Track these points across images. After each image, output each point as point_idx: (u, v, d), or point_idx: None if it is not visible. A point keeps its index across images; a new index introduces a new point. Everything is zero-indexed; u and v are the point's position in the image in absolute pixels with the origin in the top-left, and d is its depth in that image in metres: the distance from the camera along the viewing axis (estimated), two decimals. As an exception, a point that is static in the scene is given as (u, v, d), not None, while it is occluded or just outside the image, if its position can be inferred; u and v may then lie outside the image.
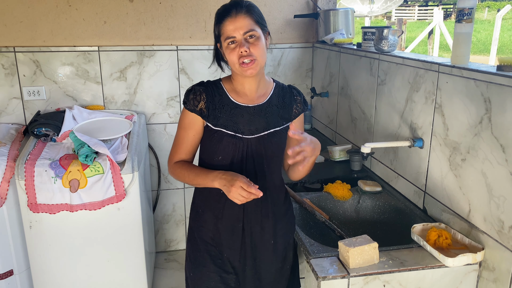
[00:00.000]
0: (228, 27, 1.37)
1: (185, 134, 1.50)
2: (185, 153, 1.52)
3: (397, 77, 1.89)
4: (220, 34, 1.40)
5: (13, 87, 2.64)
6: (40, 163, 2.16)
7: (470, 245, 1.46)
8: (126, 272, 2.39)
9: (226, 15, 1.38)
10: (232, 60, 1.39)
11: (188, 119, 1.47)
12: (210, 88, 1.47)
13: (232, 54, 1.38)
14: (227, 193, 1.34)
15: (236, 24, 1.37)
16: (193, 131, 1.49)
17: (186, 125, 1.49)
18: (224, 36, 1.39)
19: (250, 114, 1.48)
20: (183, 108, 1.48)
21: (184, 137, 1.50)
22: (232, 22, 1.37)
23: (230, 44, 1.38)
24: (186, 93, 1.48)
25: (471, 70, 1.43)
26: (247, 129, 1.47)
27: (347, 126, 2.47)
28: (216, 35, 1.44)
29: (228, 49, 1.39)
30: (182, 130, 1.51)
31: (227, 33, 1.38)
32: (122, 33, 2.70)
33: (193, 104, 1.45)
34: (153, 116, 2.89)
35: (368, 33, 2.17)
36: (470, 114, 1.45)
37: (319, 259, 1.44)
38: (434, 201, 1.68)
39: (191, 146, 1.52)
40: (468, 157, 1.47)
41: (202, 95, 1.45)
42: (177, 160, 1.53)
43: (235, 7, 1.38)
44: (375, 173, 2.15)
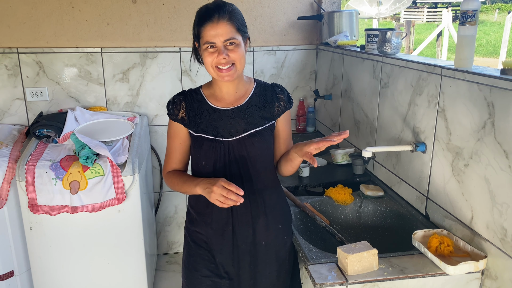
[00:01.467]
0: (209, 32, 1.36)
1: (172, 144, 1.55)
2: (175, 162, 1.56)
3: (400, 80, 1.86)
4: (200, 36, 1.40)
5: (16, 88, 2.64)
6: (41, 165, 2.15)
7: (472, 252, 1.43)
8: (127, 274, 2.38)
9: (207, 20, 1.36)
10: (208, 64, 1.40)
11: (173, 128, 1.53)
12: (189, 96, 1.52)
13: (209, 58, 1.39)
14: (208, 196, 1.33)
15: (218, 30, 1.35)
16: (179, 140, 1.53)
17: (172, 134, 1.54)
18: (204, 40, 1.38)
19: (229, 117, 1.49)
20: (169, 120, 1.54)
21: (172, 146, 1.55)
22: (213, 28, 1.35)
23: (209, 48, 1.38)
24: (167, 104, 1.53)
25: (475, 74, 1.40)
26: (227, 132, 1.48)
27: (350, 129, 2.44)
28: (195, 35, 1.43)
29: (206, 52, 1.39)
30: (169, 140, 1.56)
31: (207, 37, 1.37)
32: (125, 35, 2.70)
33: (174, 113, 1.50)
34: (155, 118, 2.88)
35: (371, 35, 2.14)
36: (473, 118, 1.42)
37: (318, 265, 1.42)
38: (437, 207, 1.65)
39: (180, 154, 1.56)
40: (471, 162, 1.44)
41: (181, 103, 1.50)
42: (169, 169, 1.57)
43: (218, 12, 1.36)
44: (377, 177, 2.12)
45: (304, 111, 3.01)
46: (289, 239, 1.61)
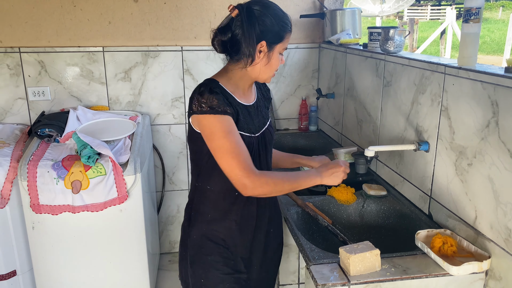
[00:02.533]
0: (288, 39, 1.45)
1: (235, 139, 1.34)
2: (250, 159, 1.36)
3: (403, 79, 1.85)
4: (281, 41, 1.42)
5: (18, 88, 2.64)
6: (42, 164, 2.15)
7: (476, 253, 1.41)
8: (129, 273, 2.38)
9: (290, 28, 1.45)
10: (275, 68, 1.45)
11: (226, 122, 1.33)
12: (221, 90, 1.38)
13: (278, 63, 1.45)
14: (336, 179, 1.48)
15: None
16: (237, 134, 1.36)
17: (228, 129, 1.33)
18: (283, 45, 1.44)
19: (253, 112, 1.50)
20: (210, 116, 1.32)
21: (237, 141, 1.34)
22: (290, 36, 1.46)
23: (282, 51, 1.45)
24: (205, 98, 1.32)
25: (478, 72, 1.39)
26: (254, 128, 1.48)
27: (352, 128, 2.43)
28: (275, 38, 1.40)
29: (278, 56, 1.44)
30: (229, 136, 1.32)
31: (285, 44, 1.44)
32: (126, 34, 2.69)
33: (223, 106, 1.33)
34: (157, 117, 2.87)
35: (374, 33, 2.12)
36: (477, 117, 1.40)
37: (320, 265, 1.41)
38: (440, 206, 1.63)
39: (247, 151, 1.36)
40: (475, 162, 1.42)
41: (222, 96, 1.36)
42: (253, 167, 1.35)
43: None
44: (380, 176, 2.11)
45: (307, 110, 3.00)
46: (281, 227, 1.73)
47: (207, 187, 1.49)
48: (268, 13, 1.38)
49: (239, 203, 1.49)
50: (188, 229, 1.55)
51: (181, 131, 2.92)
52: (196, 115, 1.34)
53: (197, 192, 1.52)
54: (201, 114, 1.33)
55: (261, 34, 1.37)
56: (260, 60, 1.40)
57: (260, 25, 1.36)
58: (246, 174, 1.31)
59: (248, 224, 1.53)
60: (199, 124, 1.37)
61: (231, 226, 1.51)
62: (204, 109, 1.32)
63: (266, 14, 1.37)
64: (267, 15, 1.37)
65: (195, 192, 1.53)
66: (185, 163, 3.00)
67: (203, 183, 1.50)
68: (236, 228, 1.51)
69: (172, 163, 2.98)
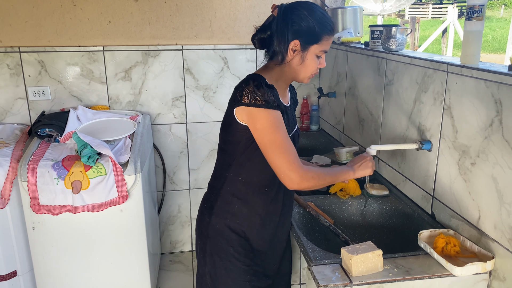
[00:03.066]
0: (329, 41, 1.42)
1: (286, 134, 1.37)
2: (296, 153, 1.39)
3: (405, 77, 1.83)
4: (317, 42, 1.39)
5: (18, 87, 2.63)
6: (42, 164, 2.14)
7: (479, 253, 1.40)
8: (130, 273, 2.37)
9: (333, 31, 1.43)
10: (311, 69, 1.43)
11: (278, 117, 1.36)
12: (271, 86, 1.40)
13: (315, 64, 1.43)
14: (366, 171, 1.54)
15: (332, 40, 1.45)
16: (286, 129, 1.39)
17: (280, 124, 1.36)
18: (322, 47, 1.41)
19: (289, 113, 1.52)
20: (265, 110, 1.33)
21: (287, 136, 1.37)
22: (332, 39, 1.44)
23: (320, 54, 1.42)
24: (262, 92, 1.33)
25: (481, 70, 1.37)
26: (289, 129, 1.48)
27: (354, 127, 2.41)
28: (313, 38, 1.38)
29: (316, 58, 1.42)
30: (282, 131, 1.36)
31: (326, 46, 1.42)
32: (126, 33, 2.68)
33: (278, 101, 1.38)
34: (158, 117, 2.86)
35: (375, 31, 2.11)
36: (480, 116, 1.39)
37: (321, 266, 1.39)
38: (443, 206, 1.62)
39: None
40: (478, 161, 1.41)
41: (274, 90, 1.38)
42: (300, 162, 1.38)
43: (335, 27, 1.52)
44: (382, 175, 2.09)
45: (308, 109, 2.99)
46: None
47: (239, 179, 1.49)
48: (307, 13, 1.38)
49: (266, 198, 1.50)
50: (208, 218, 1.53)
51: (181, 130, 2.91)
52: (248, 107, 1.34)
53: (227, 182, 1.51)
54: (255, 107, 1.33)
55: (295, 32, 1.38)
56: (291, 58, 1.41)
57: (295, 24, 1.37)
58: (295, 169, 1.34)
59: (271, 220, 1.54)
60: (250, 117, 1.35)
61: (255, 220, 1.51)
62: (259, 103, 1.33)
63: (304, 14, 1.37)
64: (305, 15, 1.37)
65: (224, 182, 1.51)
66: (186, 163, 2.99)
67: (234, 174, 1.49)
68: (260, 223, 1.52)
69: (173, 163, 2.96)
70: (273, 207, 1.53)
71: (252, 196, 1.50)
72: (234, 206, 1.51)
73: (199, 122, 2.92)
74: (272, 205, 1.53)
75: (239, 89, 1.37)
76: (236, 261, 1.50)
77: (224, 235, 1.51)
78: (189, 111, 2.88)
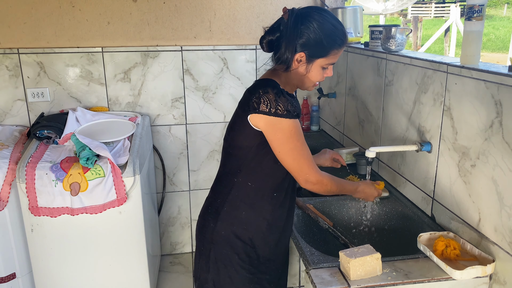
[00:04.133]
0: (337, 55, 1.40)
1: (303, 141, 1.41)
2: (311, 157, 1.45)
3: (404, 78, 1.81)
4: (327, 55, 1.37)
5: (17, 89, 2.63)
6: (41, 166, 2.13)
7: (480, 256, 1.38)
8: (129, 275, 2.36)
9: (342, 45, 1.39)
10: (315, 80, 1.42)
11: (298, 125, 1.39)
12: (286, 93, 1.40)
13: (320, 75, 1.41)
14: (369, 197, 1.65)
15: (341, 53, 1.43)
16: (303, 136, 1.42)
17: (302, 131, 1.41)
18: (329, 61, 1.39)
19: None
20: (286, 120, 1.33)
21: (304, 144, 1.41)
22: (340, 53, 1.41)
23: (327, 67, 1.41)
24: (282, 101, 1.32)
25: (481, 71, 1.35)
26: None
27: (354, 128, 2.39)
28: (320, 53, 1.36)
29: (321, 70, 1.40)
30: (303, 138, 1.40)
31: (333, 59, 1.39)
32: (125, 34, 2.67)
33: (298, 110, 1.37)
34: (157, 118, 2.85)
35: (375, 31, 2.09)
36: (480, 117, 1.37)
37: (319, 269, 1.38)
38: (443, 208, 1.60)
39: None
40: (478, 163, 1.39)
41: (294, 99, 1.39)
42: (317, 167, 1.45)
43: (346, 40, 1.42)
44: (382, 177, 2.07)
45: (308, 110, 2.97)
46: None
47: (248, 184, 1.46)
48: (317, 25, 1.34)
49: (275, 203, 1.49)
50: (214, 224, 1.50)
51: (181, 131, 2.90)
52: (267, 116, 1.33)
53: (235, 187, 1.48)
54: (276, 117, 1.33)
55: (303, 45, 1.35)
56: (295, 68, 1.39)
57: (304, 36, 1.34)
58: (314, 173, 1.42)
59: (277, 226, 1.53)
60: (269, 125, 1.35)
61: (262, 225, 1.49)
62: (280, 112, 1.32)
63: (314, 27, 1.33)
64: (315, 28, 1.33)
65: (232, 187, 1.48)
66: (186, 164, 2.97)
67: (244, 180, 1.47)
68: (266, 228, 1.50)
69: (172, 164, 2.95)
70: (279, 212, 1.52)
71: (260, 201, 1.48)
72: (242, 211, 1.48)
73: (199, 123, 2.90)
74: (279, 210, 1.51)
75: (255, 95, 1.34)
76: (241, 269, 1.48)
77: (230, 242, 1.48)
78: (188, 112, 2.87)
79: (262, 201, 1.48)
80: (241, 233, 1.48)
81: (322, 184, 1.45)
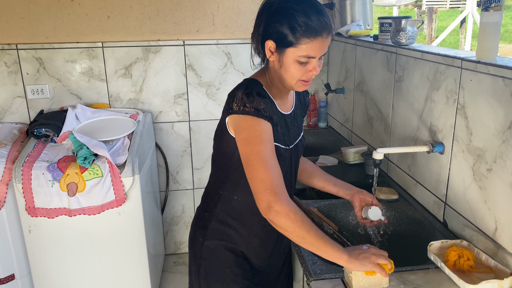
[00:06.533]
0: (315, 46, 1.17)
1: (270, 151, 1.17)
2: (282, 177, 1.18)
3: (415, 73, 1.70)
4: (297, 45, 1.16)
5: (16, 86, 2.57)
6: (37, 166, 2.07)
7: (496, 268, 1.27)
8: (129, 276, 2.30)
9: (319, 34, 1.16)
10: (295, 76, 1.21)
11: (270, 129, 1.19)
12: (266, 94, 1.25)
13: (299, 71, 1.20)
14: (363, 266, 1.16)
15: (323, 46, 1.18)
16: (272, 145, 1.20)
17: (266, 137, 1.17)
18: (303, 52, 1.17)
19: (290, 122, 1.36)
20: (252, 118, 1.17)
21: (274, 153, 1.18)
22: (320, 43, 1.17)
23: (302, 61, 1.19)
24: (251, 99, 1.18)
25: (499, 67, 1.23)
26: (289, 140, 1.35)
27: (363, 125, 2.28)
28: (286, 39, 1.17)
29: (297, 64, 1.20)
30: (269, 144, 1.17)
31: (309, 51, 1.17)
32: (126, 28, 2.59)
33: (270, 112, 1.19)
34: (160, 115, 2.77)
35: (385, 24, 1.97)
36: (497, 117, 1.25)
37: (321, 281, 1.28)
38: (456, 214, 1.49)
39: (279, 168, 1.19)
40: (495, 167, 1.27)
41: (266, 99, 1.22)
42: (285, 189, 1.15)
43: (329, 30, 1.18)
44: (392, 178, 1.96)
45: (316, 106, 2.86)
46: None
47: (234, 197, 1.35)
48: (287, 7, 1.16)
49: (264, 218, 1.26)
50: (202, 239, 1.40)
51: (184, 129, 2.82)
52: (236, 115, 1.19)
53: (221, 201, 1.37)
54: (242, 115, 1.18)
55: (267, 32, 1.20)
56: (271, 60, 1.23)
57: (269, 22, 1.19)
58: (275, 193, 1.12)
59: (270, 239, 1.42)
60: (236, 125, 1.21)
61: (253, 242, 1.39)
62: (247, 110, 1.17)
63: (284, 9, 1.16)
64: (284, 10, 1.16)
65: (219, 200, 1.37)
66: (189, 162, 2.89)
67: (229, 193, 1.36)
68: (259, 244, 1.40)
69: (176, 162, 2.88)
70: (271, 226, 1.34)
71: (248, 216, 1.36)
72: (230, 227, 1.38)
73: (202, 120, 2.82)
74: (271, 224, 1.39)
75: (231, 96, 1.22)
76: (234, 284, 1.39)
77: (220, 256, 1.38)
78: (191, 108, 2.78)
79: (251, 217, 1.35)
80: (232, 247, 1.39)
81: (285, 211, 1.11)
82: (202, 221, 1.42)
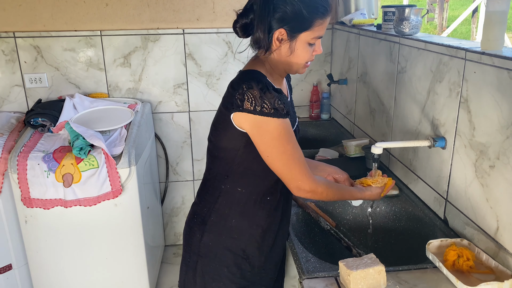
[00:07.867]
0: (324, 25, 1.20)
1: (297, 142, 1.24)
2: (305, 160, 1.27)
3: (418, 65, 1.63)
4: (311, 27, 1.18)
5: (14, 74, 2.54)
6: (33, 156, 2.05)
7: (497, 269, 1.21)
8: (126, 268, 2.28)
9: (327, 13, 1.20)
10: (304, 59, 1.24)
11: (289, 125, 1.21)
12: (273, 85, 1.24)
13: (308, 54, 1.23)
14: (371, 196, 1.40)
15: (327, 23, 1.23)
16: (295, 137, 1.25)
17: (292, 132, 1.22)
18: (315, 33, 1.20)
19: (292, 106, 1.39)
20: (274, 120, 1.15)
21: (298, 145, 1.24)
22: (326, 21, 1.21)
23: (313, 41, 1.22)
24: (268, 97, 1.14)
25: (505, 58, 1.17)
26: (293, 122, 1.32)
27: (365, 117, 2.22)
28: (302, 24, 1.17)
29: (307, 46, 1.21)
30: (293, 139, 1.22)
31: (320, 31, 1.20)
32: (125, 16, 2.54)
33: (287, 107, 1.18)
34: (159, 105, 2.73)
35: (388, 13, 1.90)
36: (502, 112, 1.19)
37: (314, 279, 1.24)
38: (457, 211, 1.43)
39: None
40: (498, 164, 1.21)
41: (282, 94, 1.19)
42: (310, 171, 1.27)
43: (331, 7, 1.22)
44: (393, 172, 1.91)
45: (318, 97, 2.80)
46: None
47: (237, 189, 1.31)
48: None
49: (269, 207, 1.34)
50: (200, 235, 1.35)
51: (184, 119, 2.77)
52: (252, 115, 1.15)
53: (223, 195, 1.33)
54: (262, 116, 1.15)
55: (280, 20, 1.16)
56: (277, 48, 1.20)
57: (280, 10, 1.15)
58: (306, 180, 1.24)
59: (271, 230, 1.38)
60: (255, 126, 1.17)
61: (255, 233, 1.34)
62: (267, 111, 1.14)
63: None
64: None
65: (220, 195, 1.33)
66: (189, 153, 2.86)
67: (232, 186, 1.31)
68: (261, 235, 1.35)
69: (175, 153, 2.84)
70: (273, 216, 1.36)
71: (253, 207, 1.32)
72: (231, 220, 1.33)
73: (202, 110, 2.77)
74: (274, 213, 1.36)
75: (238, 90, 1.16)
76: (230, 283, 1.35)
77: (218, 254, 1.34)
78: (191, 99, 2.74)
79: (254, 207, 1.32)
80: (231, 244, 1.34)
81: (316, 192, 1.26)
82: (201, 216, 1.37)
